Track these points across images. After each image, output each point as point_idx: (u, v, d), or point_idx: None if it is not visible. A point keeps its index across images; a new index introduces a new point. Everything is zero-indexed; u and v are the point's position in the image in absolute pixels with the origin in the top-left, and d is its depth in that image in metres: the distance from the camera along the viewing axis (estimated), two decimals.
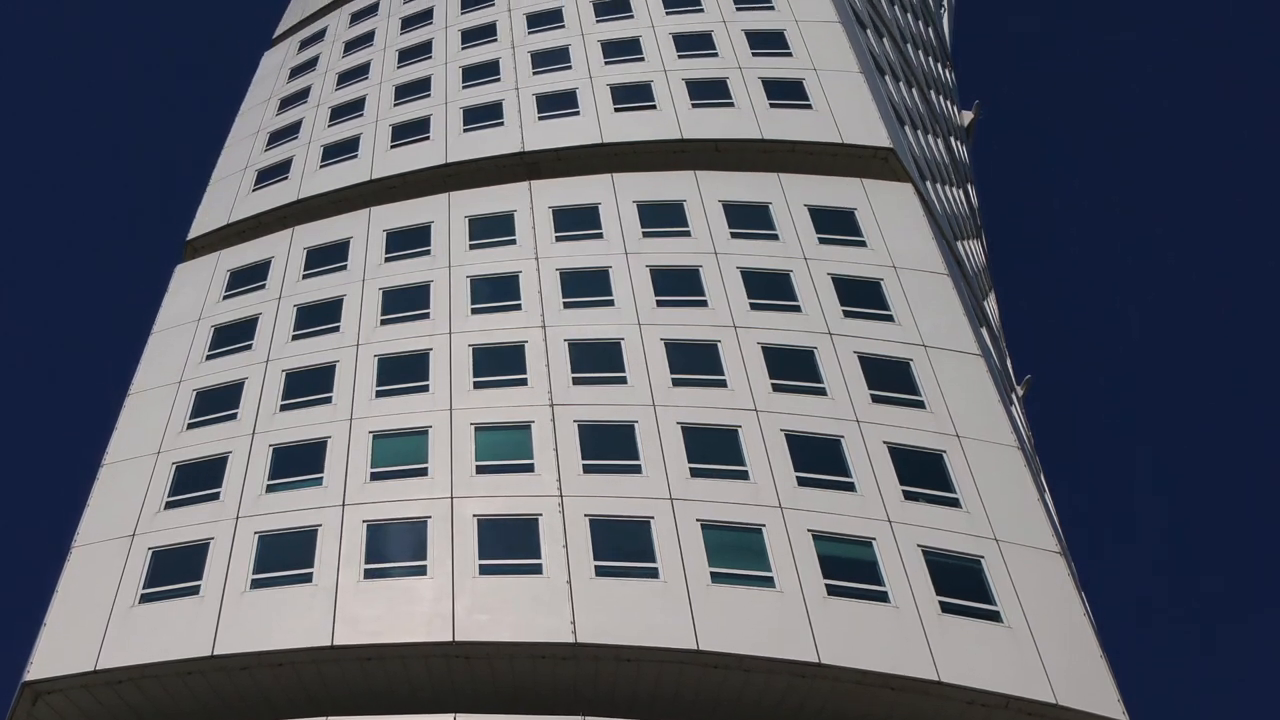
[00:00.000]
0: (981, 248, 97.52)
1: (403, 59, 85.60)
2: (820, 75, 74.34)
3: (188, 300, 69.22)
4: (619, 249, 64.42)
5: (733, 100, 73.14)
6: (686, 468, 53.14)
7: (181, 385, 62.67)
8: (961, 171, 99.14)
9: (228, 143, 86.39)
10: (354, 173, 75.63)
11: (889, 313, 60.38)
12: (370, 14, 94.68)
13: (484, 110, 76.76)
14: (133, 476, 57.79)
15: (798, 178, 68.22)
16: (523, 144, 73.28)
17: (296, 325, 64.31)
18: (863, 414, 55.33)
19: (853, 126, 70.91)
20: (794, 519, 51.00)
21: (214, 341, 65.18)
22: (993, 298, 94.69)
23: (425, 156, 74.76)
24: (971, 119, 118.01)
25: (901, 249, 63.94)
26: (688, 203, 66.67)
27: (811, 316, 60.03)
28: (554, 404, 56.44)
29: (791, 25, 78.48)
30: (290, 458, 56.52)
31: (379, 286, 65.26)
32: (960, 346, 59.08)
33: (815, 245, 63.92)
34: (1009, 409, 58.35)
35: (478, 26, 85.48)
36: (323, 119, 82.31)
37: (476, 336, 60.78)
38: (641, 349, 58.62)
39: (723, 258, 63.15)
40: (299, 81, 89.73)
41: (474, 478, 53.76)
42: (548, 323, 60.70)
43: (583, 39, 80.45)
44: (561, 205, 67.89)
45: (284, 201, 75.62)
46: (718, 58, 76.54)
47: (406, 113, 79.01)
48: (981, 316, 73.57)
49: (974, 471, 53.19)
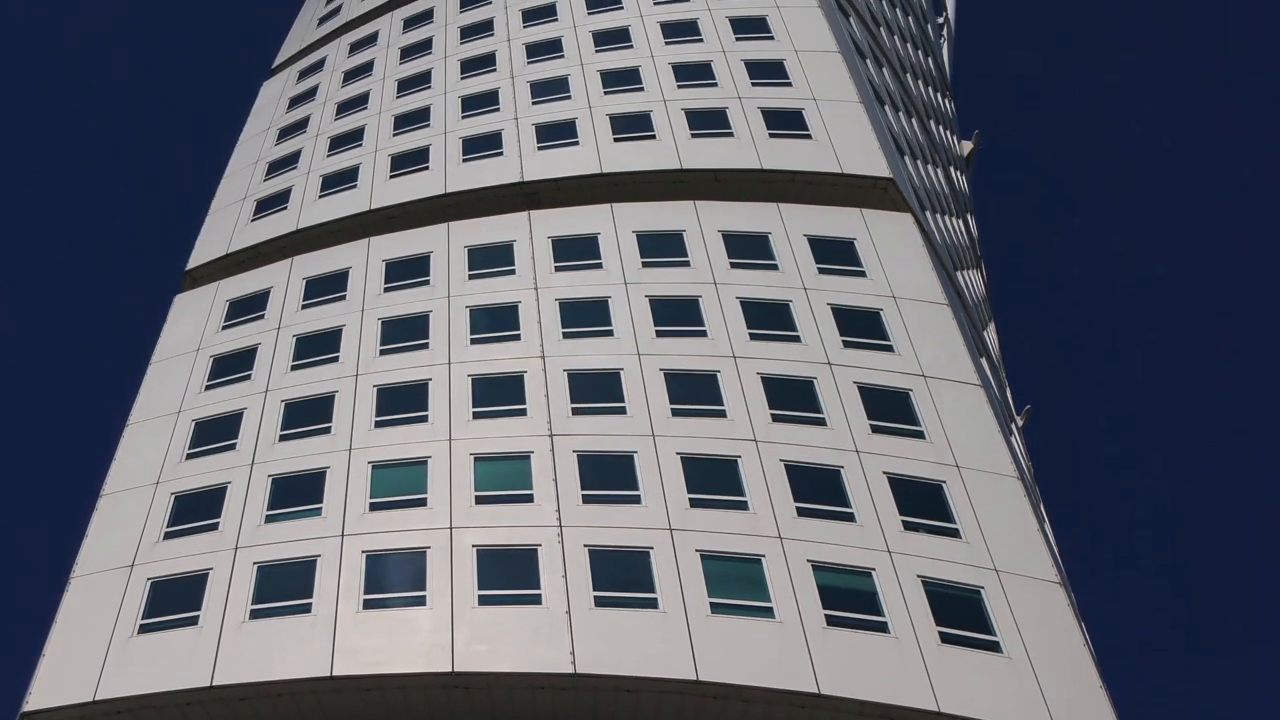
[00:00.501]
0: (981, 278, 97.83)
1: (402, 89, 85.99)
2: (820, 105, 74.65)
3: (187, 330, 69.53)
4: (618, 279, 64.71)
5: (732, 130, 73.48)
6: (686, 498, 53.38)
7: (181, 415, 62.95)
8: (961, 202, 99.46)
9: (227, 173, 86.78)
10: (353, 203, 75.96)
11: (889, 343, 60.64)
12: (369, 44, 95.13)
13: (483, 140, 77.12)
14: (132, 506, 58.04)
15: (797, 208, 68.50)
16: (522, 174, 73.63)
17: (296, 355, 64.60)
18: (862, 444, 55.58)
19: (852, 156, 71.22)
20: (793, 549, 51.22)
21: (213, 371, 65.48)
22: (992, 328, 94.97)
23: (424, 186, 75.10)
24: (971, 149, 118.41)
25: (901, 279, 64.21)
26: (687, 233, 66.97)
27: (811, 346, 60.30)
28: (553, 434, 56.68)
29: (791, 55, 78.82)
30: (289, 488, 56.76)
31: (378, 316, 65.55)
32: (960, 377, 59.34)
33: (815, 275, 64.21)
34: (1009, 439, 58.60)
35: (477, 56, 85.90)
36: (322, 149, 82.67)
37: (476, 367, 61.05)
38: (641, 379, 58.88)
39: (722, 288, 63.44)
40: (298, 111, 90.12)
41: (473, 508, 54.00)
42: (547, 353, 60.97)
43: (582, 69, 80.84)
44: (561, 235, 68.20)
45: (283, 231, 75.99)
46: (717, 87, 76.89)
47: (406, 143, 79.38)
48: (981, 347, 73.82)
49: (974, 502, 53.42)
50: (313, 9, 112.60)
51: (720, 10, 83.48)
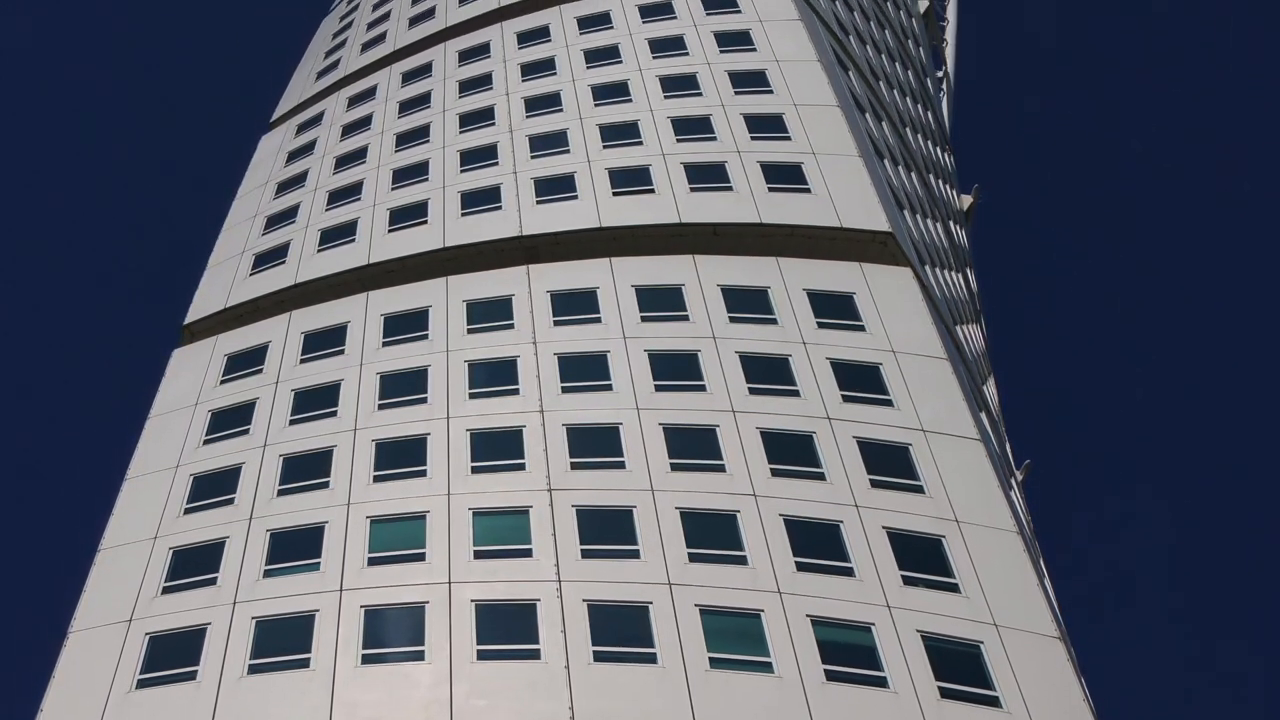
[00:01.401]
0: (981, 332, 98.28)
1: (400, 143, 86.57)
2: (819, 159, 75.14)
3: (185, 384, 70.01)
4: (617, 333, 65.17)
5: (731, 184, 73.99)
6: (685, 552, 53.76)
7: (179, 470, 63.38)
8: (961, 256, 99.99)
9: (225, 226, 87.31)
10: (352, 257, 76.54)
11: (888, 397, 61.09)
12: (368, 98, 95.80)
13: (482, 194, 77.66)
14: (130, 561, 58.44)
15: (796, 262, 68.98)
16: (521, 228, 74.16)
17: (294, 410, 65.08)
18: (862, 499, 55.97)
19: (852, 210, 71.69)
20: (793, 604, 51.57)
21: (211, 426, 65.95)
22: (992, 382, 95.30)
23: (423, 240, 75.67)
24: (971, 203, 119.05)
25: (901, 333, 64.65)
26: (686, 287, 67.45)
27: (810, 401, 60.72)
28: (552, 488, 57.09)
29: (790, 109, 79.34)
30: (287, 542, 57.18)
31: (377, 371, 66.03)
32: (959, 431, 59.76)
33: (814, 329, 64.67)
34: (1008, 494, 59.02)
35: (476, 110, 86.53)
36: (320, 203, 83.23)
37: (474, 421, 61.49)
38: (640, 433, 59.31)
39: (721, 342, 63.88)
40: (297, 165, 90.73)
41: (472, 562, 54.39)
42: (546, 407, 61.42)
43: (581, 122, 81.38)
44: (560, 289, 68.70)
45: (281, 286, 76.57)
46: (716, 141, 77.43)
47: (404, 197, 79.95)
48: (981, 401, 74.21)
49: (973, 556, 53.79)
50: (311, 62, 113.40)
51: (719, 64, 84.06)
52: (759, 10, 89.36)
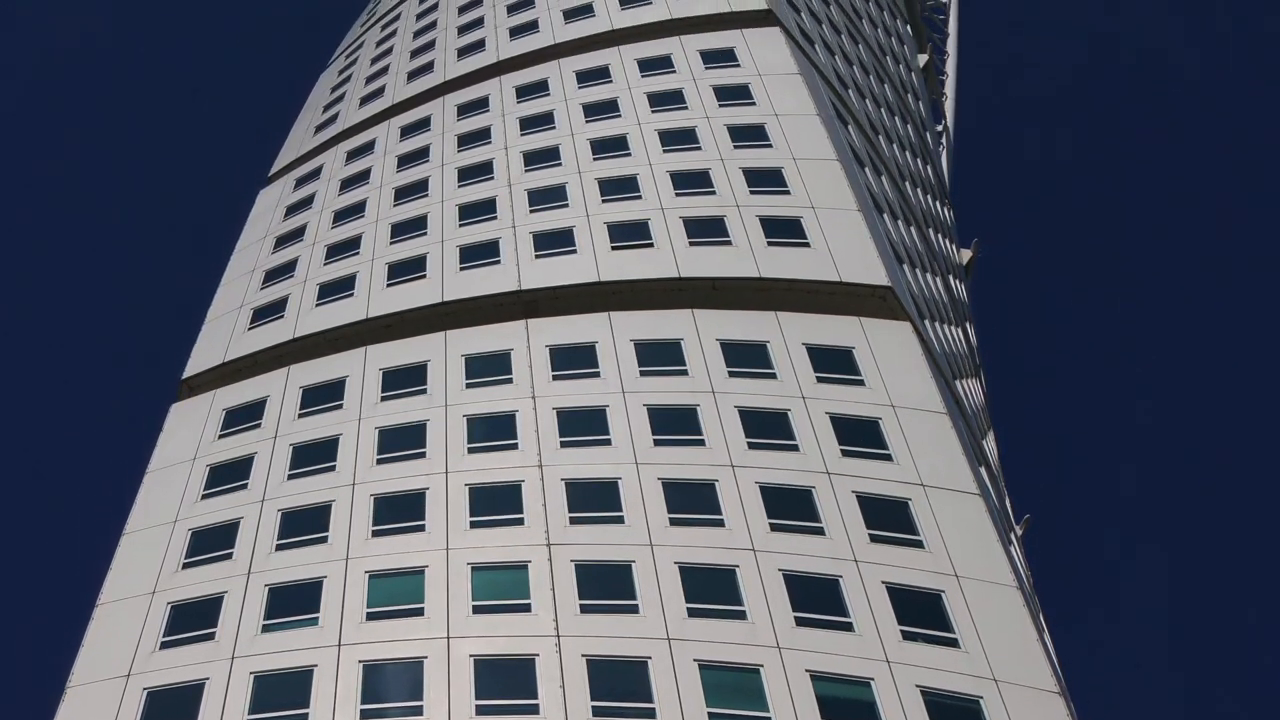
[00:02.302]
0: (980, 386, 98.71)
1: (399, 197, 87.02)
2: (818, 213, 75.51)
3: (183, 439, 70.45)
4: (616, 388, 65.59)
5: (730, 238, 74.43)
6: (684, 608, 54.13)
7: (177, 525, 63.77)
8: (960, 310, 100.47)
9: (223, 281, 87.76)
10: (350, 311, 77.01)
11: (887, 452, 61.48)
12: (366, 152, 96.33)
13: (481, 248, 78.06)
14: (128, 616, 58.81)
15: (796, 316, 69.38)
16: (519, 282, 74.61)
17: (292, 464, 65.49)
18: (861, 554, 56.34)
19: (851, 265, 72.15)
20: (792, 659, 51.93)
21: (209, 481, 66.35)
22: (991, 437, 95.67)
23: (421, 295, 76.12)
24: (970, 257, 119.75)
25: (900, 388, 65.05)
26: (685, 341, 67.84)
27: (809, 456, 61.09)
28: (551, 543, 57.46)
29: (789, 163, 79.74)
30: (286, 597, 57.52)
31: (375, 425, 66.43)
32: (959, 486, 60.17)
33: (813, 384, 65.06)
34: (1008, 549, 59.38)
35: (475, 164, 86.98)
36: (319, 257, 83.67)
37: (473, 476, 61.89)
38: (639, 488, 59.67)
39: (720, 397, 64.29)
40: (295, 219, 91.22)
41: (471, 618, 54.75)
42: (545, 462, 61.80)
43: (580, 176, 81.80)
44: (558, 344, 69.14)
45: (280, 340, 77.13)
46: (715, 195, 77.85)
47: (403, 251, 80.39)
48: (980, 456, 74.57)
49: (973, 611, 54.14)
50: (310, 116, 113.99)
51: (718, 118, 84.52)
52: (758, 64, 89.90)
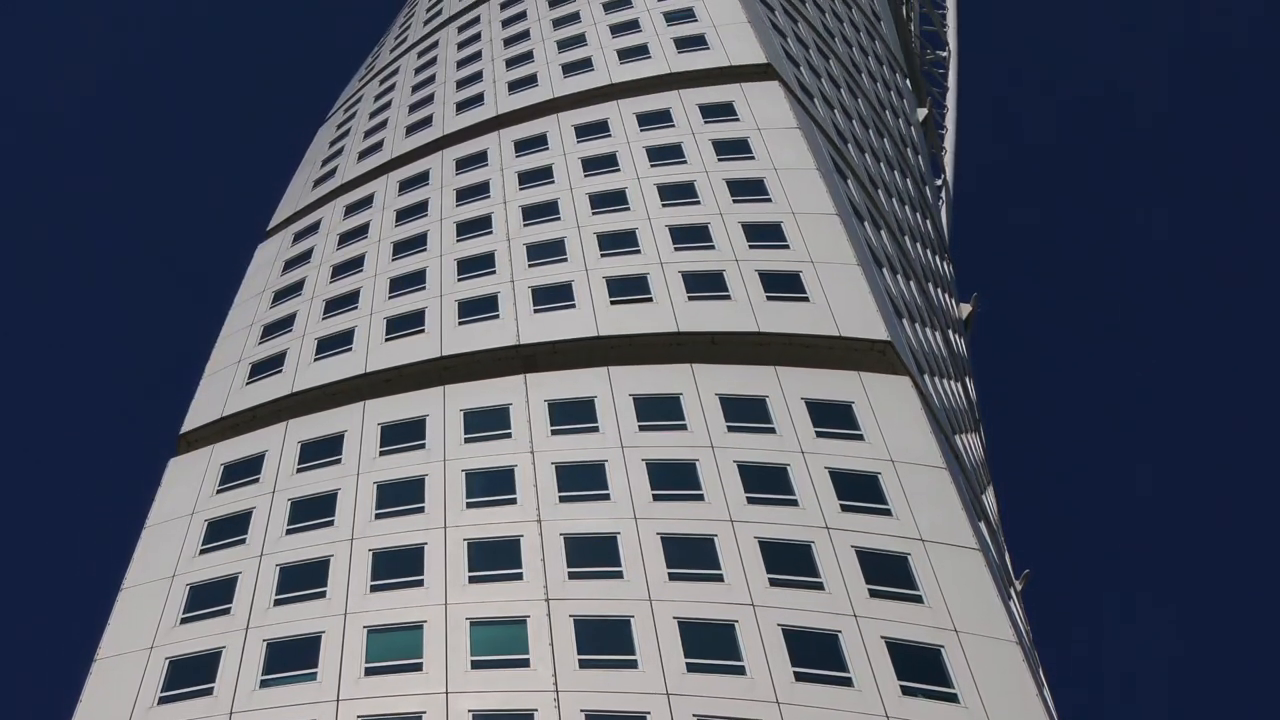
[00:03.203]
0: (980, 441, 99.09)
1: (397, 251, 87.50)
2: (817, 268, 76.00)
3: (181, 494, 70.80)
4: (615, 443, 66.00)
5: (729, 293, 74.94)
6: (683, 662, 54.48)
7: (175, 580, 64.12)
8: (960, 365, 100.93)
9: (222, 335, 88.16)
10: (348, 366, 77.49)
11: (887, 507, 61.85)
12: (364, 206, 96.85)
13: (479, 303, 78.51)
14: (127, 671, 59.12)
15: (795, 371, 69.85)
16: (518, 337, 75.13)
17: (291, 519, 65.86)
18: (860, 609, 56.69)
19: (850, 319, 72.63)
20: (791, 714, 52.30)
21: (207, 535, 66.71)
22: (991, 491, 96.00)
23: (420, 349, 76.59)
24: (970, 312, 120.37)
25: (899, 443, 65.45)
26: (684, 396, 68.29)
27: (809, 511, 61.47)
28: (550, 598, 57.81)
29: (788, 217, 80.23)
30: (284, 653, 57.84)
31: (374, 480, 66.83)
32: (958, 541, 60.54)
33: (812, 439, 65.46)
34: (1007, 604, 59.74)
35: (473, 218, 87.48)
36: (317, 311, 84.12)
37: (472, 531, 62.27)
38: (638, 543, 60.04)
39: (719, 451, 64.68)
40: (293, 274, 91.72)
41: (469, 673, 55.11)
42: (543, 517, 62.18)
43: (578, 231, 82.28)
44: (557, 399, 69.57)
45: (278, 395, 77.62)
46: (714, 250, 78.33)
47: (401, 305, 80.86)
48: (980, 510, 74.94)
49: (972, 667, 54.49)
50: (308, 171, 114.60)
51: (717, 172, 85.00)
52: (757, 118, 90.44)
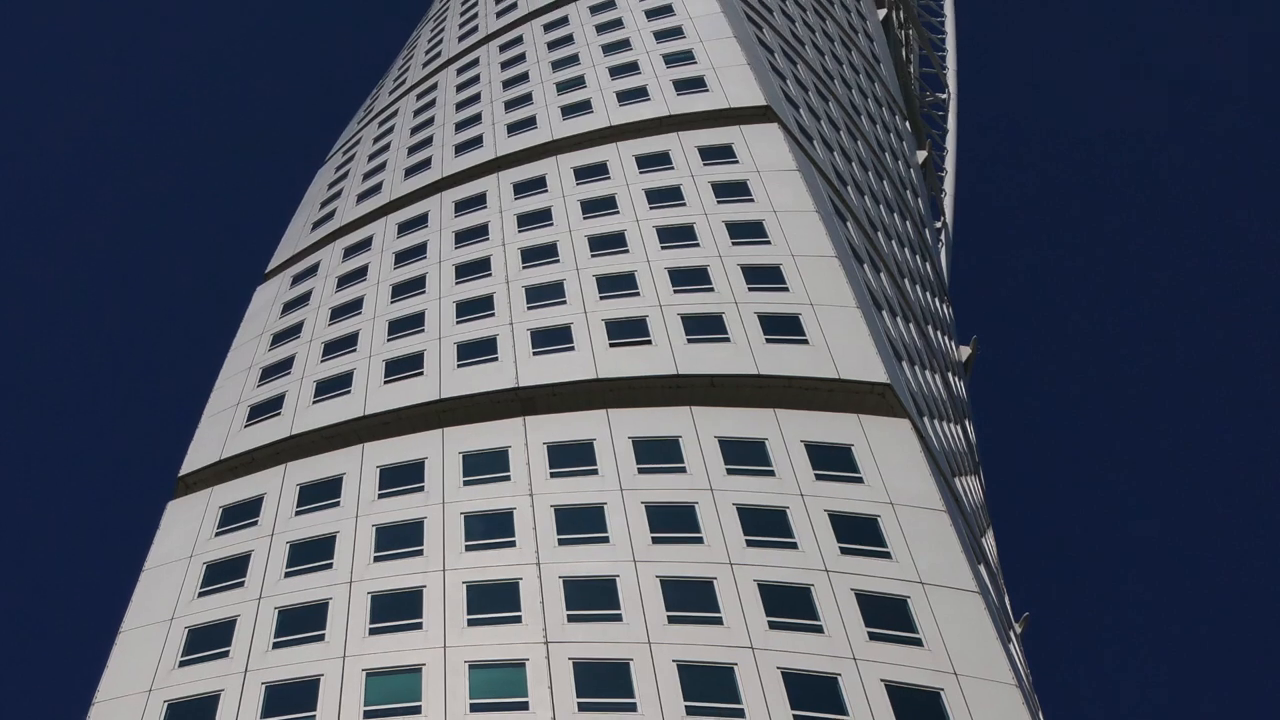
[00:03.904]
0: (979, 484, 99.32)
1: (396, 294, 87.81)
2: (817, 310, 76.41)
3: (179, 537, 71.07)
4: (614, 485, 66.28)
5: (728, 335, 75.33)
6: (682, 706, 54.71)
7: (174, 622, 64.32)
8: (959, 407, 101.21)
9: (220, 378, 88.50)
10: (347, 409, 77.83)
11: (886, 549, 62.12)
12: (363, 249, 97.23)
13: (478, 346, 78.84)
14: (125, 715, 59.36)
15: (794, 413, 70.19)
16: (517, 380, 75.46)
17: (289, 562, 66.09)
18: (860, 651, 56.95)
19: (849, 362, 73.02)
20: None
21: (206, 578, 66.94)
22: (990, 534, 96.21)
23: (419, 392, 76.95)
24: (969, 354, 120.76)
25: (899, 486, 65.72)
26: (683, 439, 68.57)
27: (808, 553, 61.72)
28: (549, 641, 58.02)
29: (788, 260, 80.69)
30: (283, 696, 58.05)
31: (372, 523, 67.06)
32: (958, 584, 60.80)
33: (812, 482, 65.74)
34: (1007, 647, 59.96)
35: (472, 261, 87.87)
36: (315, 354, 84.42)
37: (470, 574, 62.49)
38: (637, 586, 60.29)
39: (718, 494, 64.94)
40: (292, 316, 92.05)
41: (468, 716, 55.37)
42: (542, 560, 62.42)
43: (578, 273, 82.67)
44: (556, 441, 69.84)
45: (276, 438, 77.95)
46: (714, 292, 78.78)
47: (400, 348, 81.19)
48: (979, 553, 75.15)
49: (972, 710, 54.76)
50: (307, 213, 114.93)
51: (716, 214, 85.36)
52: (756, 160, 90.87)
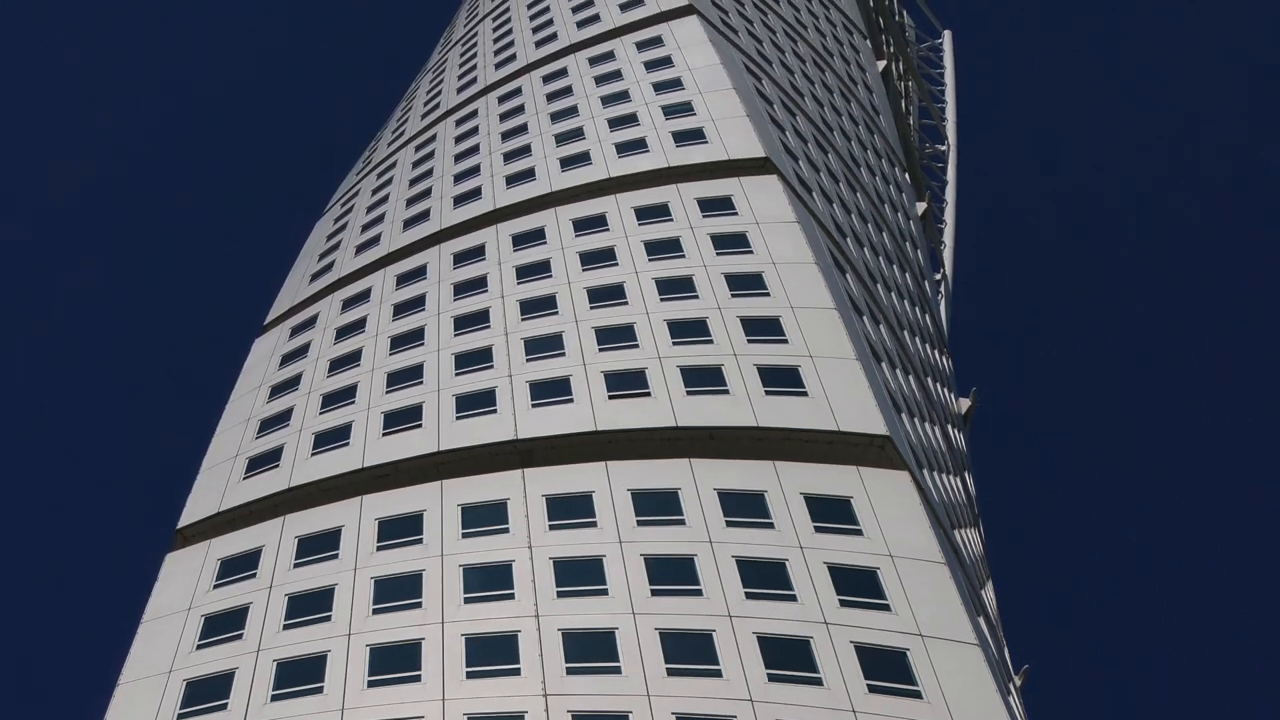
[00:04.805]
0: (979, 536, 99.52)
1: (395, 345, 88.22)
2: (816, 362, 76.83)
3: (178, 589, 71.30)
4: (613, 537, 66.57)
5: (728, 387, 75.69)
6: None
7: (172, 675, 64.50)
8: (959, 459, 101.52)
9: (218, 430, 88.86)
10: (345, 460, 78.18)
11: (886, 602, 62.37)
12: (362, 300, 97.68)
13: (476, 398, 79.21)
14: None
15: (793, 465, 70.53)
16: (516, 432, 75.83)
17: (288, 614, 66.29)
18: (860, 704, 57.19)
19: (849, 414, 73.40)
20: None
21: (204, 630, 67.13)
22: (990, 586, 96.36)
23: (417, 444, 77.27)
24: (969, 407, 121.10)
25: (898, 538, 66.00)
26: (682, 491, 68.86)
27: (807, 606, 61.97)
28: (547, 694, 58.25)
29: (787, 311, 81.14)
30: None
31: (371, 575, 67.32)
32: (958, 636, 61.03)
33: (811, 534, 66.00)
34: (1006, 700, 60.20)
35: (471, 313, 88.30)
36: (314, 406, 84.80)
37: (469, 626, 62.72)
38: (636, 639, 60.53)
39: (717, 546, 65.21)
40: (290, 368, 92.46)
41: None
42: (541, 612, 62.65)
43: (576, 325, 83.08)
44: (555, 493, 70.14)
45: (275, 490, 78.28)
46: (713, 344, 79.15)
47: (398, 400, 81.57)
48: (979, 605, 75.37)
49: None
50: (305, 265, 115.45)
51: (716, 266, 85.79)
52: (755, 212, 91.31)
